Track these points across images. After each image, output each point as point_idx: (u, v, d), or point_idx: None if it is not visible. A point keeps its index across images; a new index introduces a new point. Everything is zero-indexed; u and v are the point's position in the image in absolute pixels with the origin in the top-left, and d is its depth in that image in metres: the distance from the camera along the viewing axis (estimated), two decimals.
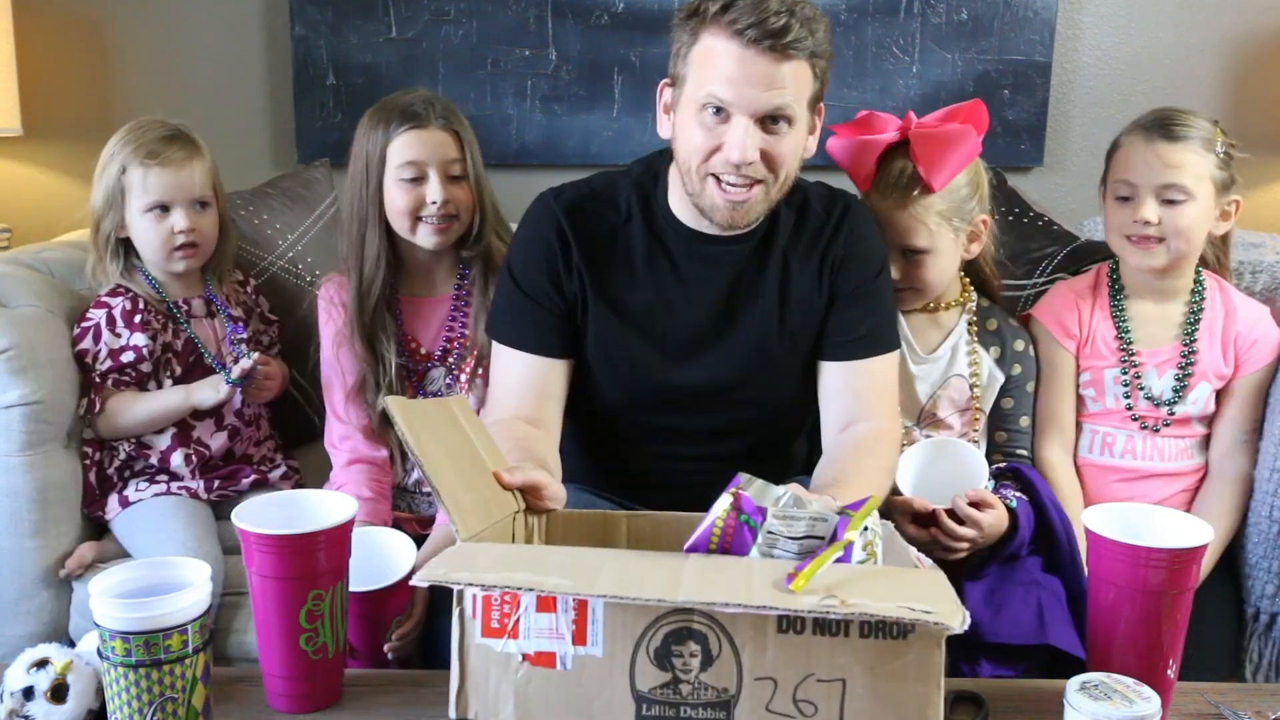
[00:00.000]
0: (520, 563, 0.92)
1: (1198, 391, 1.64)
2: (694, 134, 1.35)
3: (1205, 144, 1.57)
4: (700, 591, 0.86)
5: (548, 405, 1.48)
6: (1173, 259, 1.61)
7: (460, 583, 0.87)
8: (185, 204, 1.66)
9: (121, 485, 1.70)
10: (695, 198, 1.40)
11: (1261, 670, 1.60)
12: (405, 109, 1.60)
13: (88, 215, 1.71)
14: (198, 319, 1.74)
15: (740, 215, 1.38)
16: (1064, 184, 2.49)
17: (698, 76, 1.33)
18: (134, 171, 1.63)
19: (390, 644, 1.41)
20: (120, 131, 1.68)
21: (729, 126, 1.32)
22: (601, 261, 1.47)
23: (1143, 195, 1.58)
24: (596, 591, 0.86)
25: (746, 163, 1.32)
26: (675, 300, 1.47)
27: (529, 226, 1.51)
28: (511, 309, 1.50)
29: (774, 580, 0.89)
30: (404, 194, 1.60)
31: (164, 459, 1.70)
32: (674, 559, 0.96)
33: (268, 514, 1.16)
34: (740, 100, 1.30)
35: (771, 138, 1.33)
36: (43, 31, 2.38)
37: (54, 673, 1.09)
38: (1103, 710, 0.98)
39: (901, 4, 2.37)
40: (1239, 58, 2.44)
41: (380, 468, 1.68)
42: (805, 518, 1.01)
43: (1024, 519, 1.48)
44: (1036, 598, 1.44)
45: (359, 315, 1.65)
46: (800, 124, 1.36)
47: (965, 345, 1.65)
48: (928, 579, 0.95)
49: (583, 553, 0.98)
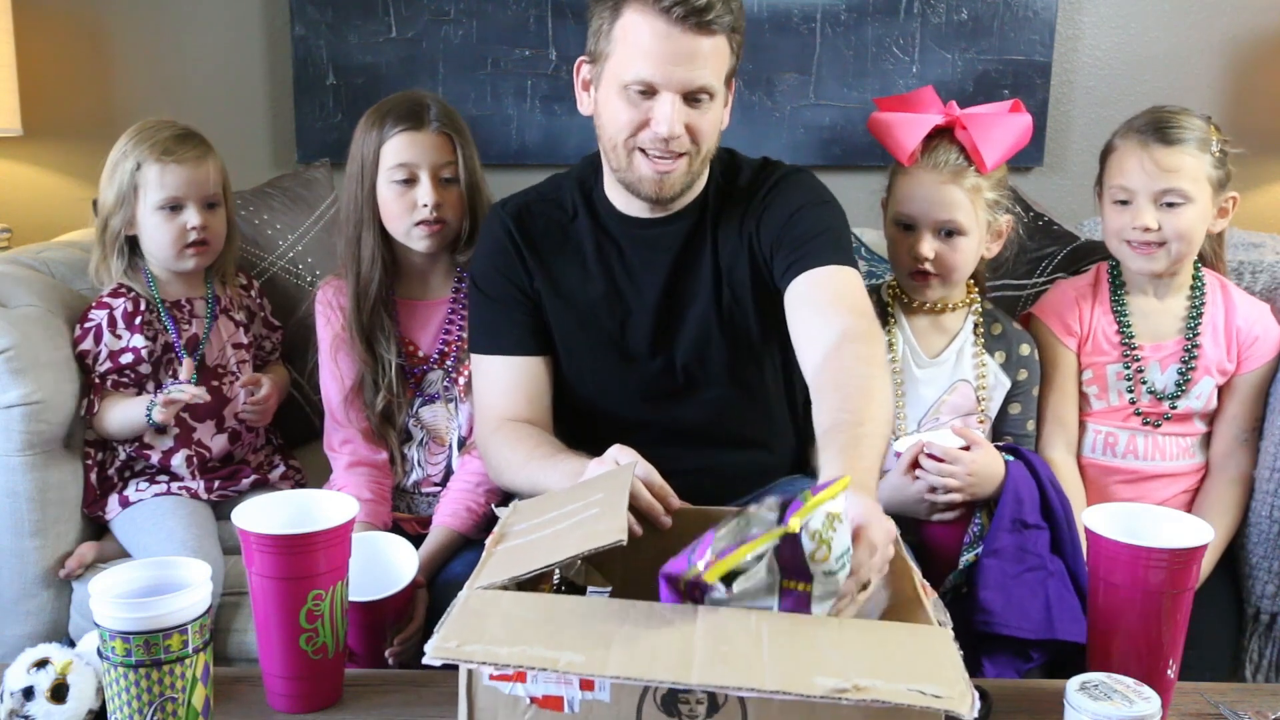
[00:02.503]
0: (532, 629, 0.90)
1: (1201, 386, 1.64)
2: (618, 111, 1.37)
3: (1201, 144, 1.57)
4: (712, 670, 0.85)
5: (535, 407, 1.50)
6: (1174, 261, 1.61)
7: (473, 661, 0.87)
8: (198, 201, 1.66)
9: (122, 485, 1.70)
10: (621, 173, 1.42)
11: (1261, 670, 1.60)
12: (401, 111, 1.60)
13: (92, 213, 1.71)
14: (201, 319, 1.73)
15: (667, 187, 1.41)
16: (1064, 184, 2.49)
17: (621, 54, 1.35)
18: (149, 168, 1.63)
19: (391, 649, 1.41)
20: (131, 130, 1.67)
21: (655, 103, 1.35)
22: (553, 260, 1.51)
23: (1141, 201, 1.58)
24: (609, 673, 0.85)
25: (674, 137, 1.35)
26: (626, 288, 1.50)
27: (484, 237, 1.56)
28: (482, 319, 1.55)
29: (787, 650, 0.88)
30: (396, 196, 1.60)
31: (165, 460, 1.70)
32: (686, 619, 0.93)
33: (268, 514, 1.16)
34: (667, 79, 1.33)
35: (694, 112, 1.36)
36: (43, 31, 2.38)
37: (54, 673, 1.09)
38: (1103, 710, 0.98)
39: (901, 4, 2.37)
40: (1239, 58, 2.44)
41: (380, 470, 1.68)
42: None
43: (1019, 475, 1.47)
44: (1045, 587, 1.43)
45: (357, 316, 1.65)
46: (719, 98, 1.39)
47: (971, 349, 1.65)
48: (937, 640, 0.93)
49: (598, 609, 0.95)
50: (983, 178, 1.57)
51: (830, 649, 0.88)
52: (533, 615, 0.93)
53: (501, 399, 1.50)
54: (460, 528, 1.59)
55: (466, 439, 1.70)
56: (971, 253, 1.60)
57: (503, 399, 1.50)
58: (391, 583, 1.39)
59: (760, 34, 2.36)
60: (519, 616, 0.93)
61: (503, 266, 1.52)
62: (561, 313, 1.51)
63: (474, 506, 1.61)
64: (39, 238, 2.10)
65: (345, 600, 1.16)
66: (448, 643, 0.88)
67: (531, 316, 1.52)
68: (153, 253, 1.69)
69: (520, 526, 1.13)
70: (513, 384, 1.50)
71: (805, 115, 2.42)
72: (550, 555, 1.01)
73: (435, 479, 1.71)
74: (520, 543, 1.09)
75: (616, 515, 1.05)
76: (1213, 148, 1.58)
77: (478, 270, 1.56)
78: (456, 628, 0.90)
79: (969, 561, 1.48)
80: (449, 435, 1.70)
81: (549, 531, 1.09)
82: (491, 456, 1.50)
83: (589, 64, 1.43)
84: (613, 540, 0.99)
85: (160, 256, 1.69)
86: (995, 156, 1.55)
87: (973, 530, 1.51)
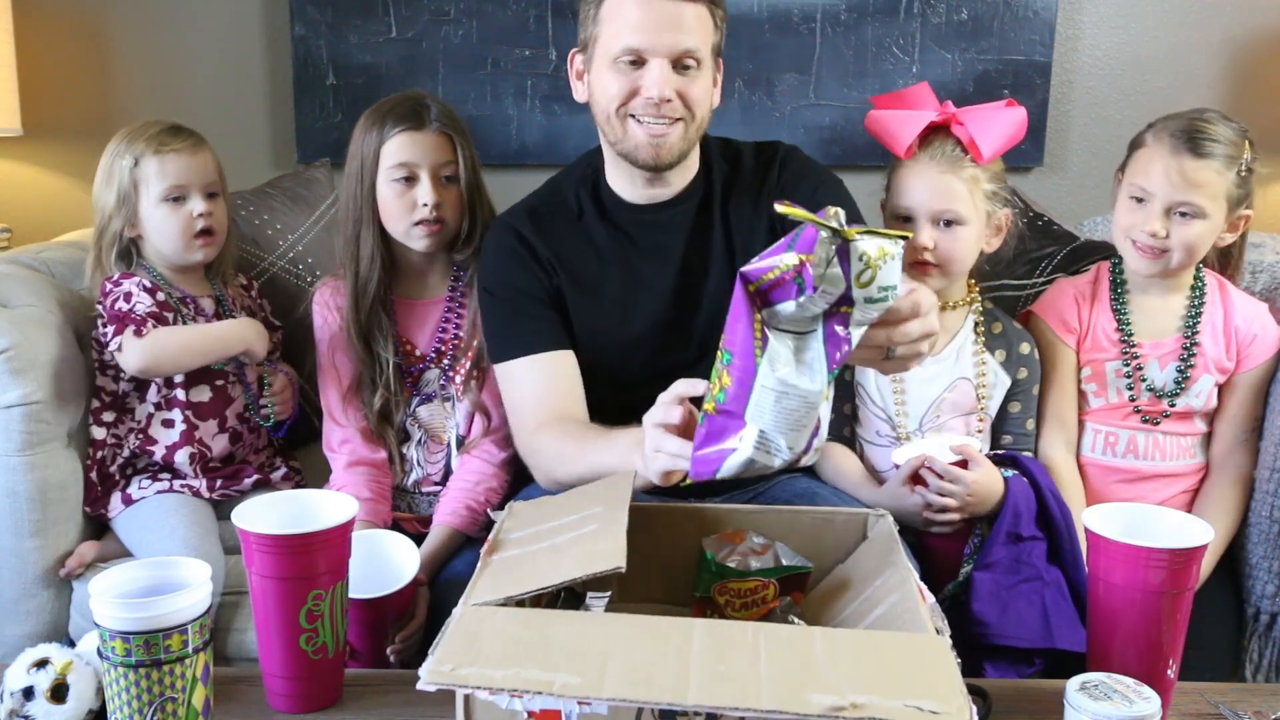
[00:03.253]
0: (527, 648, 0.90)
1: (1200, 384, 1.64)
2: (610, 83, 1.43)
3: (1228, 161, 1.56)
4: (708, 690, 0.86)
5: (568, 400, 1.50)
6: (1173, 269, 1.62)
7: (468, 685, 0.87)
8: (200, 190, 1.66)
9: (124, 483, 1.70)
10: (619, 144, 1.46)
11: (1261, 670, 1.60)
12: (401, 111, 1.60)
13: (91, 220, 1.70)
14: (205, 316, 1.72)
15: (664, 152, 1.45)
16: (1064, 184, 2.49)
17: (608, 31, 1.42)
18: (148, 162, 1.63)
19: (393, 646, 1.41)
20: (118, 135, 1.67)
21: (644, 70, 1.41)
22: (570, 256, 1.54)
23: (1156, 206, 1.58)
24: (605, 695, 0.85)
25: (665, 100, 1.40)
26: (643, 274, 1.53)
27: (490, 246, 1.59)
28: (501, 324, 1.55)
29: (785, 666, 0.88)
30: (395, 195, 1.60)
31: (169, 456, 1.70)
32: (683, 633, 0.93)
33: (268, 514, 1.16)
34: (654, 45, 1.39)
35: (683, 79, 1.42)
36: (43, 31, 2.38)
37: (54, 673, 1.09)
38: (1103, 710, 0.98)
39: (901, 4, 2.37)
40: (1239, 58, 2.44)
41: (379, 469, 1.69)
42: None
43: (1019, 490, 1.49)
44: (1042, 597, 1.44)
45: (355, 314, 1.65)
46: (707, 67, 1.45)
47: (972, 347, 1.65)
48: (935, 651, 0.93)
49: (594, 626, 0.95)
50: (980, 169, 1.58)
51: (828, 664, 0.88)
52: (528, 633, 0.93)
53: (535, 400, 1.51)
54: (460, 526, 1.60)
55: (465, 438, 1.70)
56: (971, 244, 1.60)
57: (536, 400, 1.50)
58: (393, 580, 1.39)
59: (760, 34, 2.36)
60: (514, 635, 0.93)
61: (516, 267, 1.54)
62: (584, 306, 1.54)
63: (474, 505, 1.61)
64: (39, 238, 2.10)
65: (345, 600, 1.16)
66: (442, 666, 0.88)
67: (552, 310, 1.54)
68: (160, 248, 1.67)
69: (517, 535, 1.13)
70: (543, 383, 1.51)
71: (805, 115, 2.42)
72: (546, 577, 1.01)
73: (435, 478, 1.71)
74: (516, 554, 1.09)
75: (615, 536, 1.04)
76: (1240, 165, 1.57)
77: (490, 280, 1.56)
78: (451, 649, 0.90)
79: (968, 574, 1.49)
80: (447, 434, 1.71)
81: (545, 545, 1.09)
82: (540, 456, 1.49)
83: (580, 53, 1.50)
84: (611, 567, 0.99)
85: (169, 250, 1.67)
86: (992, 147, 1.57)
87: (973, 542, 1.52)
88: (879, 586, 1.14)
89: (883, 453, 1.65)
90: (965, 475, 1.47)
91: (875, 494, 1.56)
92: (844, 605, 1.19)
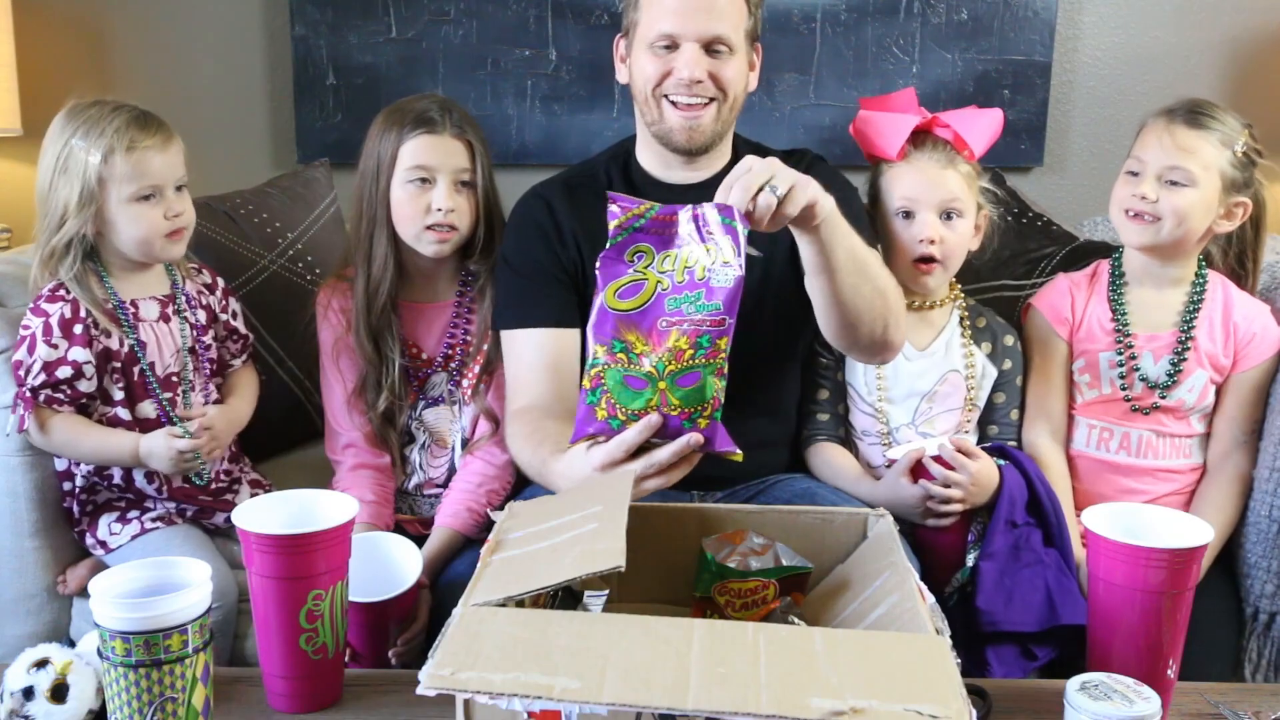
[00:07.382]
0: (527, 650, 0.90)
1: (1194, 379, 1.64)
2: (646, 65, 1.50)
3: (1224, 140, 1.58)
4: (707, 694, 0.85)
5: (565, 383, 1.50)
6: (1163, 241, 1.61)
7: (467, 690, 0.87)
8: (173, 185, 1.56)
9: (90, 523, 1.62)
10: (654, 125, 1.53)
11: (1261, 670, 1.60)
12: (420, 113, 1.59)
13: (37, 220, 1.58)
14: (146, 322, 1.59)
15: (697, 135, 1.51)
16: (1064, 184, 2.49)
17: (647, 17, 1.49)
18: (118, 160, 1.50)
19: (395, 649, 1.41)
20: (70, 115, 1.55)
21: (678, 53, 1.47)
22: (596, 228, 1.50)
23: (1148, 173, 1.60)
24: (604, 699, 0.85)
25: (696, 80, 1.46)
26: None
27: (517, 218, 1.63)
28: (511, 294, 1.58)
29: (784, 668, 0.88)
30: (410, 198, 1.59)
31: (127, 477, 1.60)
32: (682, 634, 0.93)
33: (268, 514, 1.16)
34: (686, 29, 1.46)
35: (716, 61, 1.48)
36: (43, 31, 2.38)
37: (54, 673, 1.09)
38: (1103, 710, 0.98)
39: (901, 4, 2.38)
40: (1239, 58, 2.44)
41: (383, 472, 1.68)
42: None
43: (1012, 480, 1.53)
44: (1045, 579, 1.48)
45: (366, 314, 1.64)
46: (740, 52, 1.51)
47: (959, 340, 1.67)
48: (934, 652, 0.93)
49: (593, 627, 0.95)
50: (970, 166, 1.64)
51: (828, 666, 0.88)
52: (527, 634, 0.93)
53: (527, 378, 1.53)
54: (462, 528, 1.60)
55: (469, 440, 1.69)
56: (967, 238, 1.65)
57: (528, 378, 1.53)
58: (396, 583, 1.39)
59: (760, 34, 2.36)
60: (513, 636, 0.93)
61: (537, 240, 1.57)
62: None
63: (475, 507, 1.61)
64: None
65: (345, 600, 1.16)
66: (442, 669, 0.88)
67: (564, 288, 1.56)
68: (125, 247, 1.56)
69: (516, 535, 1.13)
70: (542, 363, 1.52)
71: (805, 115, 2.42)
72: (546, 576, 1.01)
73: (438, 481, 1.71)
74: (516, 554, 1.09)
75: (615, 536, 1.04)
76: (1236, 147, 1.59)
77: (510, 249, 1.60)
78: (451, 652, 0.90)
79: (976, 560, 1.51)
80: (451, 437, 1.70)
81: (545, 545, 1.09)
82: (512, 440, 1.53)
83: (623, 38, 1.56)
84: (611, 566, 0.99)
85: (137, 250, 1.56)
86: (980, 143, 1.64)
87: (975, 530, 1.55)
88: (879, 586, 1.14)
89: (876, 450, 1.66)
90: (969, 464, 1.50)
91: (872, 488, 1.58)
92: (844, 605, 1.19)
